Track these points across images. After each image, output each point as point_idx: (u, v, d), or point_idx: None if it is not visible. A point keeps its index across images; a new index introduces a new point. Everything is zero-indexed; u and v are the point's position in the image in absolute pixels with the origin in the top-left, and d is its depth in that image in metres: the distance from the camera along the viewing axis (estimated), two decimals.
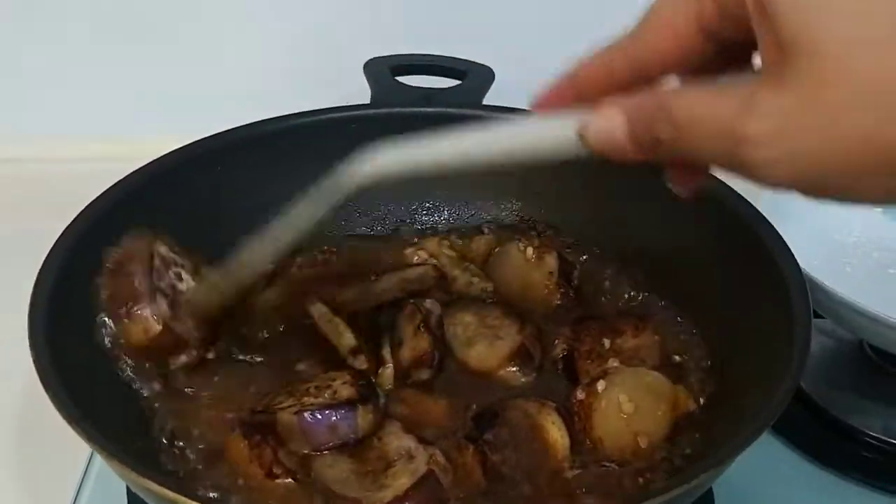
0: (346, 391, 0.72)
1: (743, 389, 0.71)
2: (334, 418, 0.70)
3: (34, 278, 0.72)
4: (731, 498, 0.77)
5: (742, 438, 0.61)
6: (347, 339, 0.80)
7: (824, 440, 0.85)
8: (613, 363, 0.77)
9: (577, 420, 0.73)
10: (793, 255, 0.75)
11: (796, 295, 0.71)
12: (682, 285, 0.84)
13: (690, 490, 0.59)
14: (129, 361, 0.74)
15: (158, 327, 0.74)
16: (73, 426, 0.61)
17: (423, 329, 0.79)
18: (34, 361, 0.65)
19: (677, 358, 0.80)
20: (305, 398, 0.72)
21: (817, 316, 0.77)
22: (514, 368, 0.79)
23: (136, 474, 0.58)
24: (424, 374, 0.78)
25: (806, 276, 0.74)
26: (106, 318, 0.73)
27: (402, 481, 0.67)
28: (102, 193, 0.80)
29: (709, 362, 0.79)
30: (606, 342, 0.79)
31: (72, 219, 0.77)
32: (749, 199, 0.81)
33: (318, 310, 0.83)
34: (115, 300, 0.74)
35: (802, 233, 0.81)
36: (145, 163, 0.84)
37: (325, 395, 0.72)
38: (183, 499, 0.56)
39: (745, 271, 0.79)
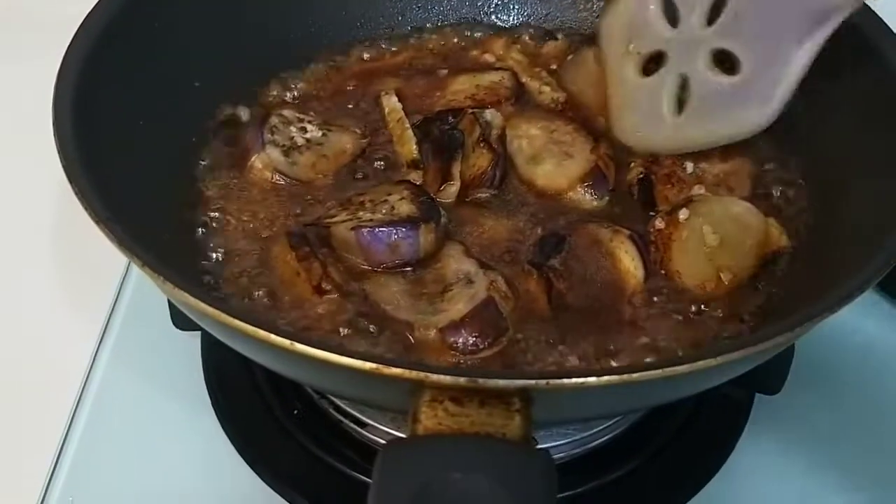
0: (405, 207, 0.66)
1: (845, 230, 0.63)
2: (395, 237, 0.64)
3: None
4: (812, 348, 0.71)
5: (841, 293, 0.53)
6: (410, 148, 0.73)
7: None
8: (699, 190, 0.70)
9: (654, 250, 0.67)
10: None
11: None
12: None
13: (776, 346, 0.51)
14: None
15: (268, 174, 0.72)
16: (100, 226, 0.55)
17: (482, 144, 0.71)
18: (59, 153, 0.58)
19: (772, 190, 0.71)
20: (361, 212, 0.66)
21: None
22: (585, 191, 0.71)
23: (169, 283, 0.52)
24: (485, 194, 0.71)
25: None
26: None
27: (458, 307, 0.61)
28: None
29: (808, 196, 0.70)
30: (689, 165, 0.71)
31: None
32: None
33: (391, 103, 0.75)
34: (227, 157, 0.73)
35: None
36: None
37: (383, 210, 0.66)
38: (222, 315, 0.50)
39: (857, 87, 0.68)
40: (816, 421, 0.73)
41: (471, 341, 0.61)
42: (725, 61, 0.67)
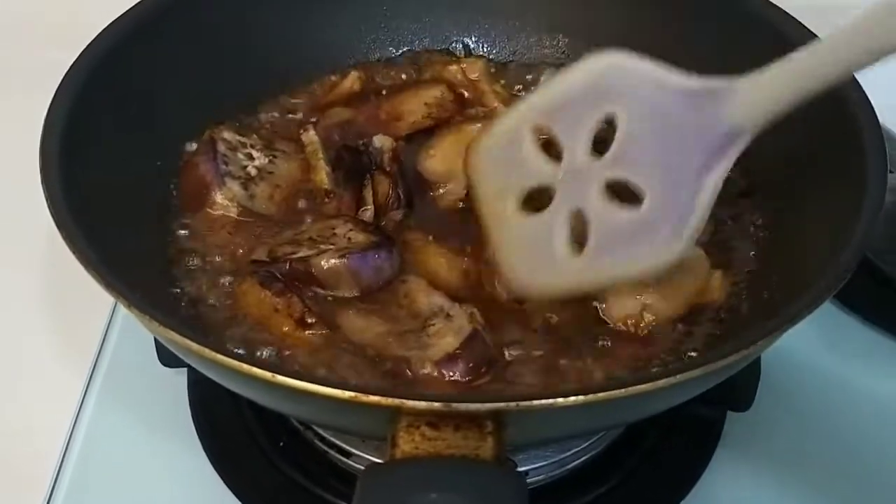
0: (361, 237, 0.68)
1: (799, 254, 0.66)
2: (378, 259, 0.67)
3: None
4: (780, 365, 0.73)
5: (800, 305, 0.55)
6: (322, 178, 0.75)
7: (883, 303, 0.81)
8: None
9: None
10: (867, 99, 0.67)
11: (871, 145, 0.64)
12: None
13: (740, 360, 0.54)
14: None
15: (232, 209, 0.72)
16: (89, 270, 0.57)
17: (377, 171, 0.74)
18: (48, 201, 0.60)
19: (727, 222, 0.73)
20: (322, 245, 0.68)
21: None
22: None
23: (155, 322, 0.54)
24: (397, 216, 0.73)
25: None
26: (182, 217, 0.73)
27: (448, 340, 0.63)
28: (112, 23, 0.74)
29: (762, 221, 0.73)
30: None
31: (80, 51, 0.71)
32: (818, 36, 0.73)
33: (309, 136, 0.77)
34: (187, 195, 0.73)
35: (873, 79, 0.73)
36: None
37: (343, 243, 0.68)
38: (207, 351, 0.52)
39: (811, 118, 0.71)
40: (787, 439, 0.75)
41: (466, 373, 0.62)
42: (624, 192, 0.58)
